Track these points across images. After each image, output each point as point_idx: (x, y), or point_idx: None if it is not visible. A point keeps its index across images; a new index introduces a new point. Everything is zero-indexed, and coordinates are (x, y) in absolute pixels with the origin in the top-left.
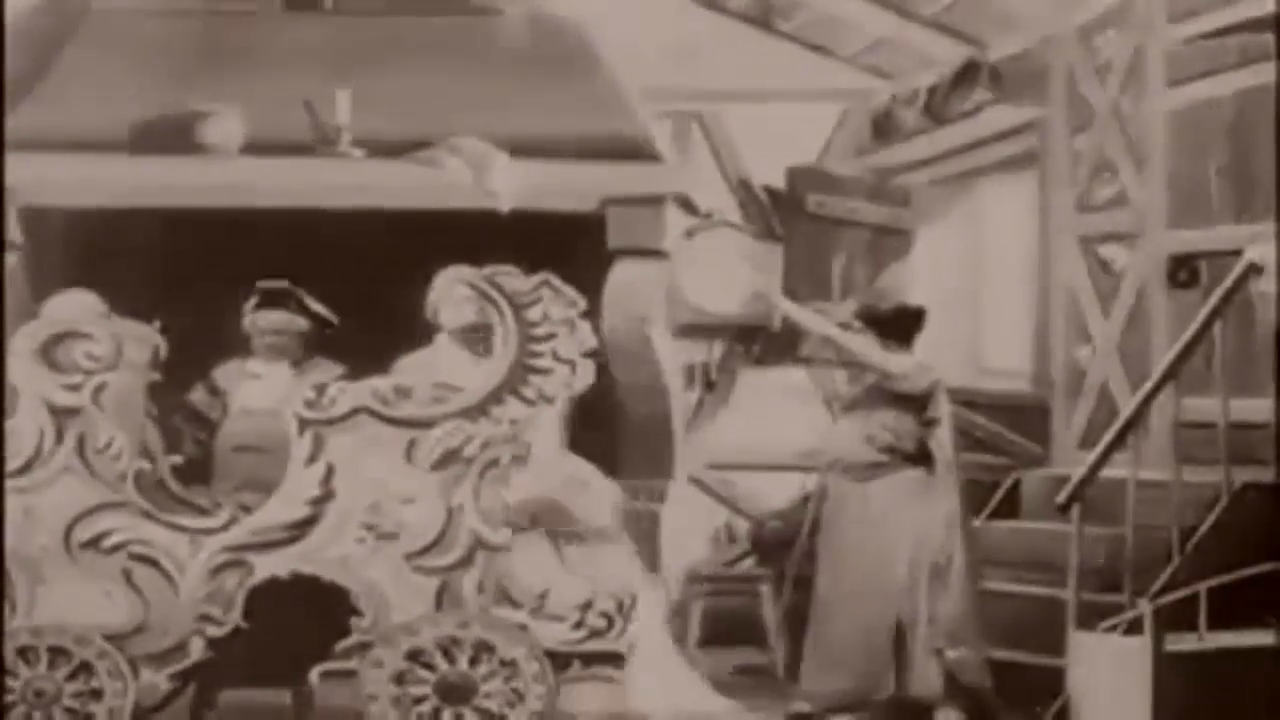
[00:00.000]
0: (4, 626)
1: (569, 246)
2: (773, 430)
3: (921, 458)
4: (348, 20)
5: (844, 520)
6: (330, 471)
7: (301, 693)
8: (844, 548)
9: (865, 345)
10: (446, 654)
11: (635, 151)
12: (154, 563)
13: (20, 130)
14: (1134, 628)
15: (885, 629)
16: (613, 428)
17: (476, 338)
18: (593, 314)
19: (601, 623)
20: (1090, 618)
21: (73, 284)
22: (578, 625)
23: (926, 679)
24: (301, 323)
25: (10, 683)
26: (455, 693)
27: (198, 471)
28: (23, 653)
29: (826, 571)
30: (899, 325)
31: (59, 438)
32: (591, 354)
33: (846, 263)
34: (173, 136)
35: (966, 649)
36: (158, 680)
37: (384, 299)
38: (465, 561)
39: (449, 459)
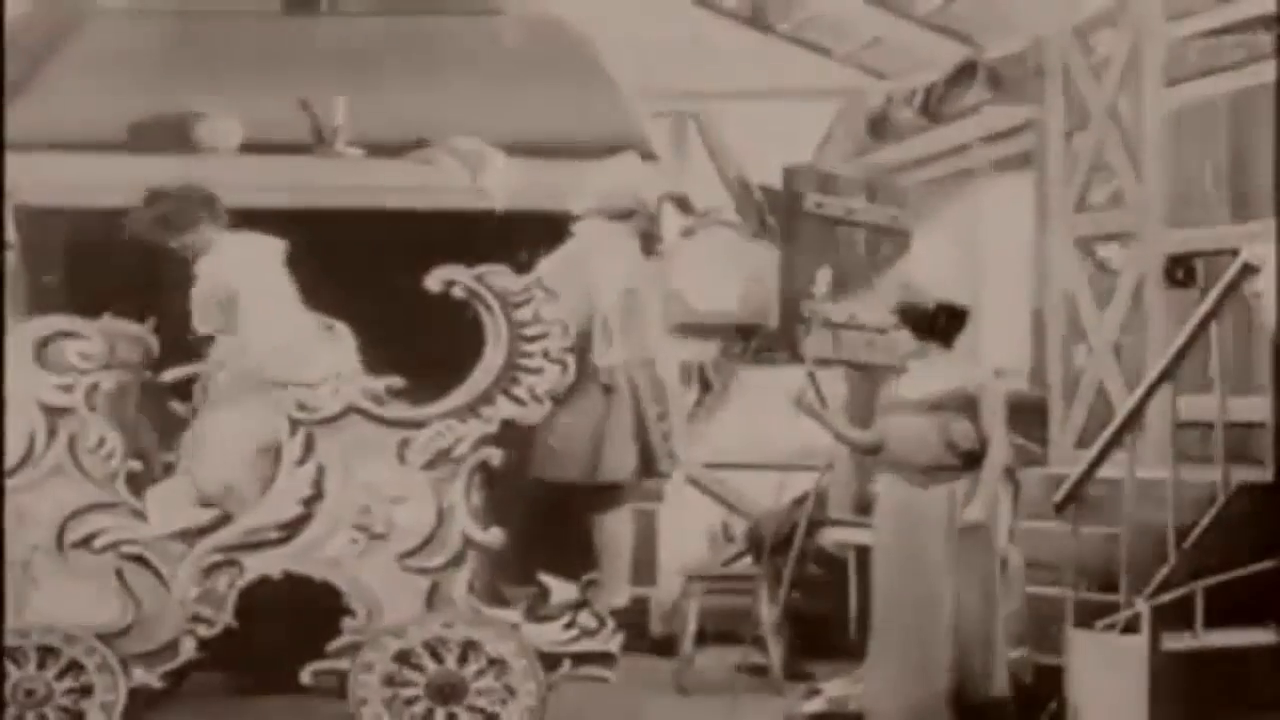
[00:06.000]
0: (3, 627)
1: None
2: (770, 430)
3: (977, 462)
4: (345, 21)
5: (904, 523)
6: (321, 471)
7: (292, 692)
8: (904, 551)
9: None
10: (434, 654)
11: (632, 151)
12: (145, 562)
13: (18, 130)
14: (1131, 626)
15: (947, 634)
16: None
17: None
18: None
19: (592, 623)
20: (1088, 616)
21: (68, 283)
22: (569, 625)
23: (1001, 680)
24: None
25: None
26: (447, 692)
27: None
28: (11, 653)
29: (889, 579)
30: (938, 324)
31: (51, 437)
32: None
33: (843, 262)
34: (170, 136)
35: (1026, 650)
36: (149, 679)
37: (381, 299)
38: (456, 561)
39: (440, 459)
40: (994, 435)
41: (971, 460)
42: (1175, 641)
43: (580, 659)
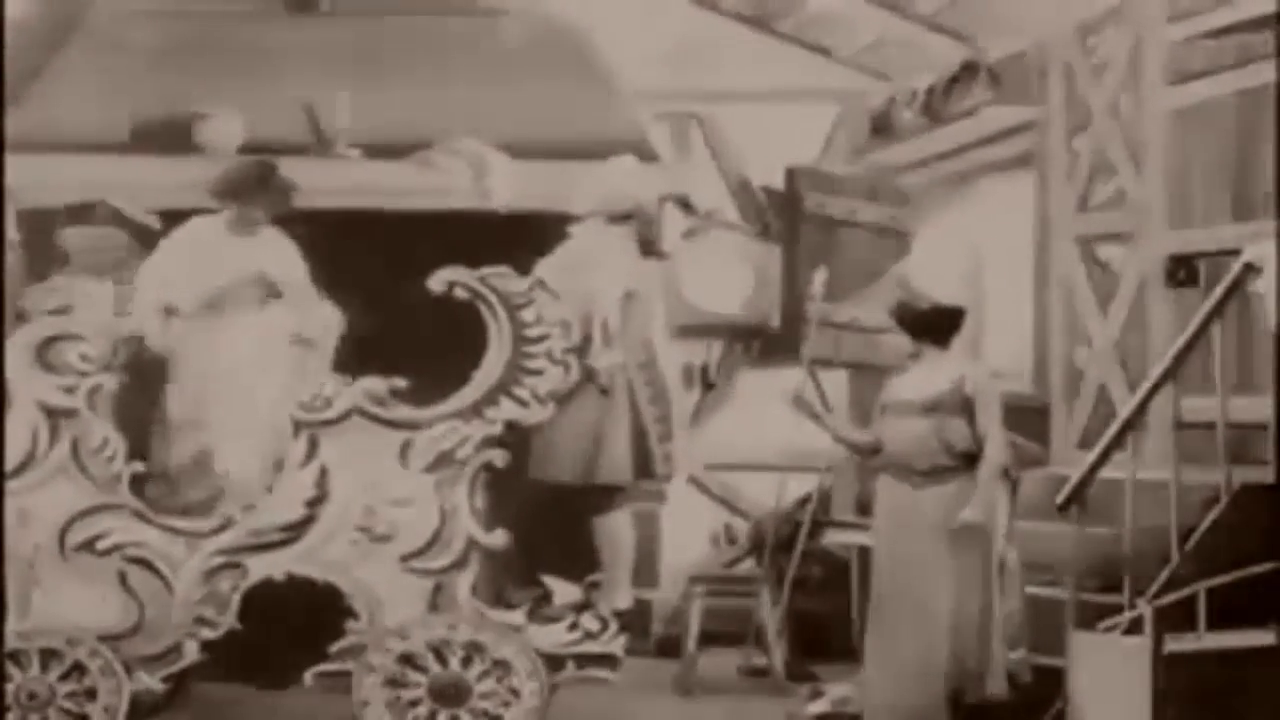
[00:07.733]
0: (4, 629)
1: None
2: (772, 431)
3: (974, 463)
4: (347, 22)
5: (901, 524)
6: (324, 473)
7: (296, 694)
8: (901, 552)
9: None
10: (438, 656)
11: (634, 152)
12: (149, 565)
13: (19, 130)
14: (1133, 628)
15: (944, 635)
16: None
17: None
18: None
19: (596, 625)
20: (1090, 618)
21: None
22: (572, 627)
23: (999, 681)
24: (119, 236)
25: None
26: (450, 694)
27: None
28: (14, 656)
29: (886, 581)
30: (934, 325)
31: (53, 440)
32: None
33: (845, 263)
34: (171, 137)
35: (1024, 651)
36: (152, 682)
37: (382, 300)
38: (459, 563)
39: (443, 461)
40: (990, 435)
41: (969, 461)
42: (1178, 643)
43: (583, 661)
